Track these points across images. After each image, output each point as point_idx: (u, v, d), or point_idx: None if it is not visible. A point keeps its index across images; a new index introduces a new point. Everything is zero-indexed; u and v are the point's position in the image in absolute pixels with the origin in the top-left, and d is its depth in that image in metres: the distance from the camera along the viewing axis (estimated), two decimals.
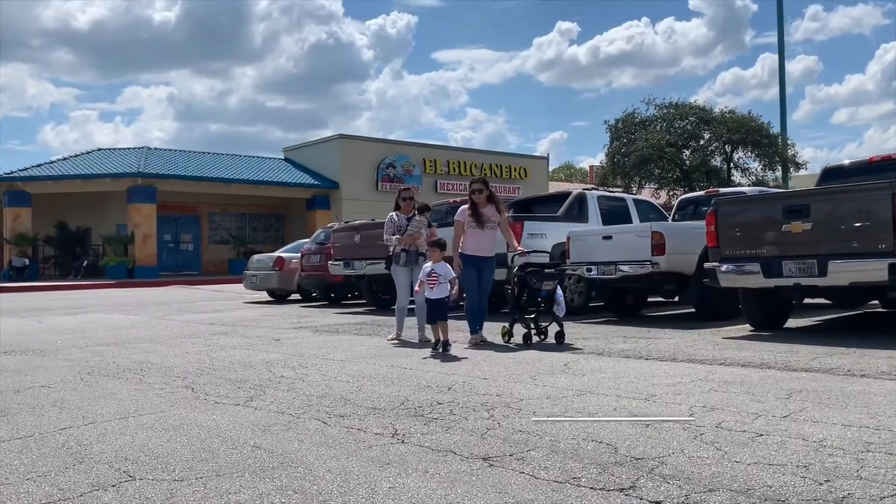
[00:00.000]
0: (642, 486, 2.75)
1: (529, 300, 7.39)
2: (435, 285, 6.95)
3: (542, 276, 7.36)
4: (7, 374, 5.93)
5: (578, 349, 6.77)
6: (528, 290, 7.35)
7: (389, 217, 8.29)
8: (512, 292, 7.45)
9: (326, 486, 2.83)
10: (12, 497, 2.78)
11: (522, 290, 7.37)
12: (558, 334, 7.19)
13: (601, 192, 12.41)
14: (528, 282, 7.34)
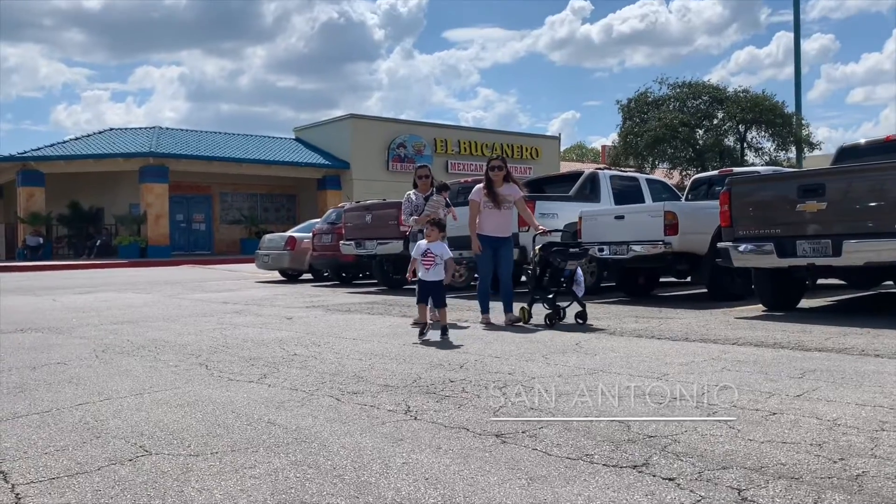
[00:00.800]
0: (655, 463, 2.76)
1: (552, 280, 7.23)
2: (431, 266, 6.59)
3: (566, 255, 7.20)
4: (23, 352, 5.99)
5: (600, 329, 6.76)
6: (552, 270, 7.20)
7: (406, 196, 8.10)
8: (533, 272, 7.30)
9: (341, 462, 2.85)
10: (31, 470, 2.82)
11: (544, 270, 7.24)
12: (581, 314, 7.05)
13: (613, 172, 12.33)
14: (551, 261, 7.18)
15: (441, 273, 6.59)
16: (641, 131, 34.15)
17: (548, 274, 7.25)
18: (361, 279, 15.78)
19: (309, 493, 2.50)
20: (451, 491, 2.49)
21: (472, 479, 2.60)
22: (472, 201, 7.49)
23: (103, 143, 31.99)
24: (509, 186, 7.43)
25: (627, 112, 35.78)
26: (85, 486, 2.61)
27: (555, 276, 7.23)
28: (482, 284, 7.41)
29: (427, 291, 6.61)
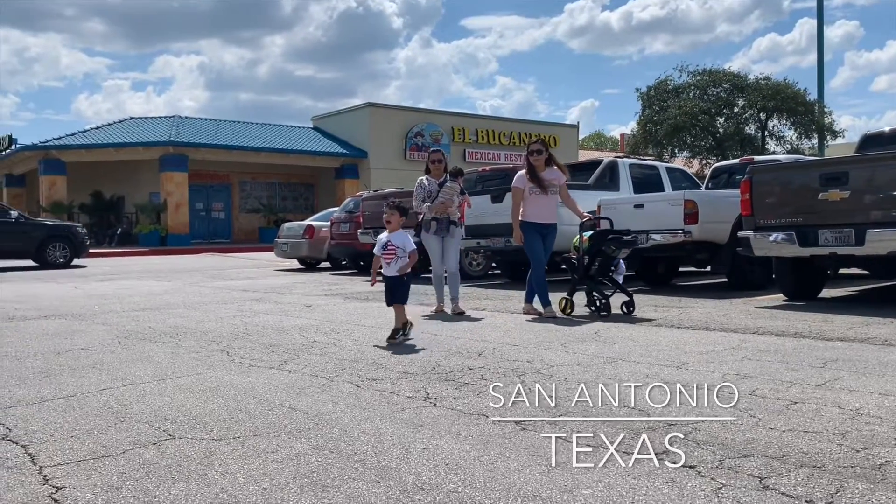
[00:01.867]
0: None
1: (601, 269, 7.00)
2: (392, 260, 5.79)
3: (621, 242, 6.97)
4: (48, 337, 6.08)
5: (619, 317, 6.74)
6: (602, 259, 6.98)
7: (419, 182, 7.80)
8: (580, 261, 7.00)
9: (361, 447, 2.87)
10: (58, 453, 2.87)
11: (594, 258, 6.97)
12: (628, 304, 6.87)
13: (633, 160, 12.25)
14: (604, 250, 6.92)
15: (403, 267, 5.78)
16: (661, 119, 33.89)
17: (597, 263, 6.97)
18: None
19: (331, 477, 2.53)
20: (472, 476, 2.50)
21: (492, 465, 2.61)
22: (516, 188, 7.15)
23: (124, 132, 32.25)
24: (552, 171, 7.15)
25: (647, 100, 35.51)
26: (111, 469, 2.65)
27: (605, 265, 6.98)
28: (538, 273, 7.06)
29: (388, 288, 5.85)
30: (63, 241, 18.43)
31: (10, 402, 3.78)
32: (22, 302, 9.19)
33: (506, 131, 37.83)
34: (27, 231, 18.04)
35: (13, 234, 17.66)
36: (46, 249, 17.98)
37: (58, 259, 18.03)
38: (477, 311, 7.42)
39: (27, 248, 17.85)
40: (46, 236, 18.24)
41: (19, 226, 18.00)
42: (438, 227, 7.57)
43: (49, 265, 17.75)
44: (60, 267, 17.61)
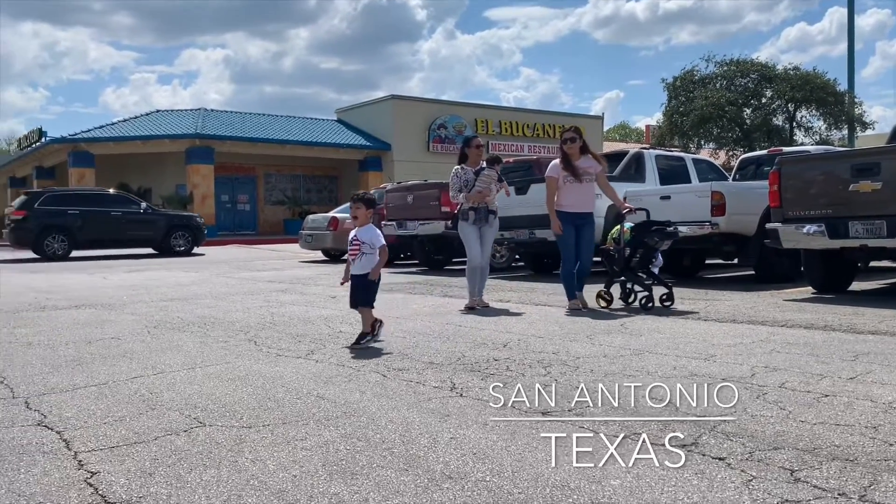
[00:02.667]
0: (705, 442, 2.73)
1: (642, 261, 6.84)
2: (356, 256, 5.25)
3: (664, 234, 6.83)
4: (79, 327, 6.18)
5: (675, 312, 6.70)
6: (644, 251, 6.80)
7: (454, 171, 7.41)
8: (620, 253, 6.82)
9: (389, 435, 2.89)
10: (92, 439, 2.92)
11: (636, 249, 6.80)
12: (667, 296, 6.73)
13: (659, 151, 12.14)
14: (646, 241, 6.76)
15: (372, 263, 5.23)
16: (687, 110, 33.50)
17: (638, 255, 6.81)
18: (402, 259, 15.86)
19: (359, 465, 2.55)
20: (500, 466, 2.51)
21: (519, 455, 2.62)
22: (550, 178, 7.02)
23: (150, 125, 32.60)
24: (587, 159, 7.00)
25: (673, 91, 35.10)
26: (143, 455, 2.70)
27: (646, 257, 6.86)
28: (566, 266, 6.94)
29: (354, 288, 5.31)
30: (184, 231, 19.92)
31: (45, 388, 3.85)
32: (53, 292, 9.35)
33: (529, 123, 37.66)
34: (154, 221, 19.60)
35: (143, 223, 19.32)
36: (171, 238, 19.45)
37: (180, 247, 19.44)
38: (501, 304, 7.41)
39: (155, 237, 19.42)
40: (171, 226, 19.72)
41: (147, 216, 19.60)
42: (477, 216, 7.23)
43: (173, 253, 19.13)
44: (182, 254, 18.95)
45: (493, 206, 7.30)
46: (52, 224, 18.10)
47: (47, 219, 18.13)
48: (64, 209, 18.41)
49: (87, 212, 18.58)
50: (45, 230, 18.06)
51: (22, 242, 18.79)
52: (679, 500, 2.19)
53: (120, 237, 19.05)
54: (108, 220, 18.77)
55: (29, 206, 18.49)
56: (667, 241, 6.92)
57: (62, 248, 18.26)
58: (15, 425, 3.15)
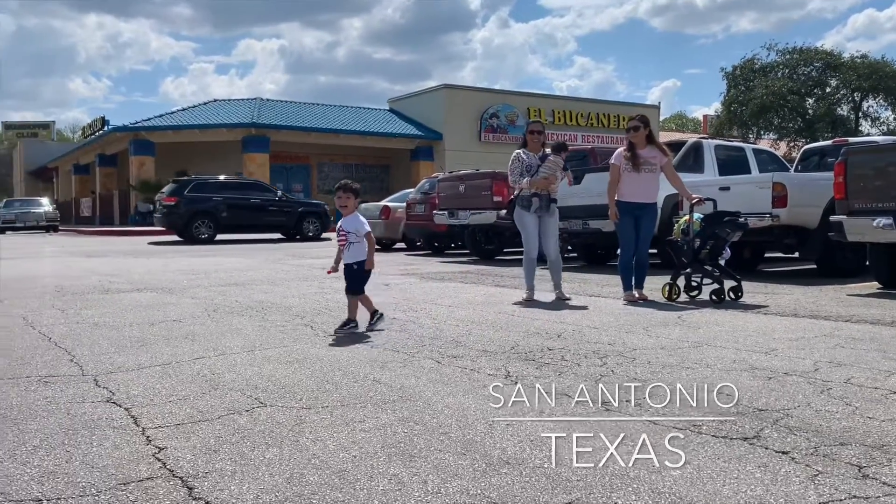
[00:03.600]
0: (767, 436, 2.68)
1: (711, 253, 6.66)
2: (343, 246, 5.32)
3: (736, 225, 6.67)
4: (142, 309, 6.37)
5: (703, 303, 6.59)
6: (714, 242, 6.63)
7: (516, 155, 7.13)
8: (689, 244, 6.64)
9: (446, 420, 2.91)
10: (158, 416, 3.02)
11: (706, 241, 6.61)
12: (735, 289, 6.60)
13: (718, 141, 11.87)
14: (717, 232, 6.59)
15: (361, 253, 5.28)
16: (747, 100, 32.70)
17: (708, 246, 6.62)
18: (453, 249, 15.90)
19: (417, 448, 2.57)
20: (558, 454, 2.50)
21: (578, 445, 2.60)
22: (613, 165, 6.88)
23: (208, 114, 33.32)
24: (652, 149, 6.87)
25: (732, 80, 34.30)
26: (208, 433, 2.78)
27: (717, 248, 6.68)
28: (624, 256, 6.85)
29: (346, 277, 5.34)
30: (314, 217, 21.11)
31: (112, 367, 3.99)
32: (116, 276, 9.66)
33: (583, 112, 37.22)
34: (289, 209, 20.90)
35: (279, 211, 20.65)
36: (302, 224, 20.66)
37: (310, 232, 20.69)
38: (551, 294, 7.36)
39: (288, 223, 20.75)
40: (303, 213, 20.96)
41: (283, 203, 20.96)
42: (539, 204, 6.94)
43: (305, 238, 20.36)
44: (313, 239, 20.13)
45: (556, 194, 7.07)
46: (200, 210, 19.38)
47: (195, 205, 19.46)
48: (210, 196, 19.70)
49: (230, 198, 19.84)
50: (194, 216, 19.42)
51: (173, 227, 20.16)
52: (742, 493, 2.15)
53: (258, 223, 20.44)
54: (249, 207, 20.09)
55: (179, 192, 19.78)
56: (738, 233, 6.75)
57: (208, 232, 19.57)
58: (86, 401, 3.28)
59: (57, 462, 2.47)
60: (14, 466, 2.43)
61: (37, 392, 3.44)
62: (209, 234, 19.53)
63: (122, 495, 2.17)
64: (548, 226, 7.04)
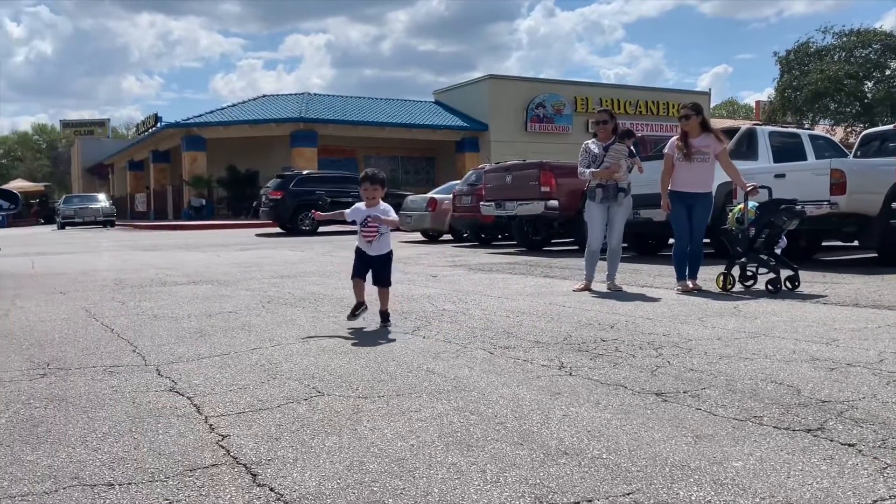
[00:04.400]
0: (831, 428, 2.62)
1: (767, 241, 6.54)
2: (374, 237, 5.07)
3: (793, 213, 6.50)
4: (198, 301, 6.52)
5: (758, 292, 6.46)
6: (771, 230, 6.52)
7: (584, 146, 7.11)
8: (743, 233, 6.54)
9: (501, 410, 2.92)
10: (219, 405, 3.09)
11: (761, 230, 6.49)
12: (792, 279, 6.45)
13: (772, 128, 11.57)
14: (774, 221, 6.46)
15: (388, 244, 5.19)
16: (801, 85, 31.77)
17: (763, 235, 6.50)
18: (500, 240, 15.87)
19: (474, 437, 2.59)
20: (615, 444, 2.49)
21: (635, 434, 2.59)
22: (666, 155, 6.81)
23: (257, 110, 33.85)
24: (706, 137, 6.75)
25: (786, 64, 33.34)
26: (268, 421, 2.84)
27: (772, 237, 6.55)
28: (679, 246, 6.75)
29: (367, 266, 5.20)
30: None
31: (173, 357, 4.10)
32: (172, 269, 9.90)
33: (631, 100, 36.70)
34: None
35: None
36: None
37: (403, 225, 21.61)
38: (603, 285, 7.30)
39: None
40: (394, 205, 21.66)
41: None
42: (604, 194, 6.87)
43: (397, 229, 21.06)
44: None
45: (624, 182, 6.91)
46: (304, 203, 19.97)
47: (300, 198, 20.26)
48: (313, 189, 20.39)
49: (331, 192, 20.30)
50: (299, 209, 20.20)
51: (279, 220, 21.10)
52: (808, 485, 2.11)
53: None
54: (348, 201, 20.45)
55: (284, 187, 20.74)
56: (794, 221, 6.59)
57: (311, 224, 20.38)
58: (150, 390, 3.38)
59: (126, 449, 2.55)
60: (86, 452, 2.52)
61: (103, 381, 3.56)
62: (312, 227, 20.38)
63: (189, 481, 2.24)
64: (615, 216, 6.97)
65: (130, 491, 2.17)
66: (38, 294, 7.21)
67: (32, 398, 3.25)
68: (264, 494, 2.12)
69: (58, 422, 2.89)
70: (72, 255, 13.56)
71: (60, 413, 3.01)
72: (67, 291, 7.40)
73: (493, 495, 2.08)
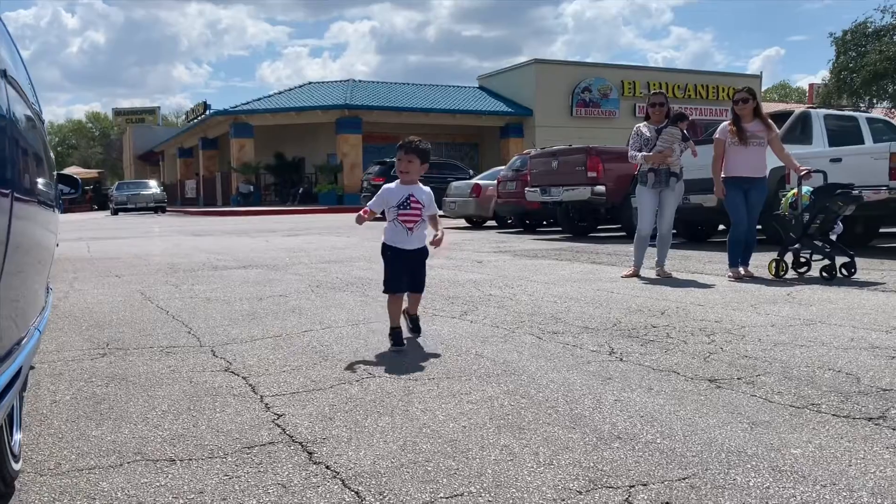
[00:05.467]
0: (894, 416, 2.55)
1: (822, 227, 6.40)
2: (415, 223, 3.99)
3: (849, 198, 6.32)
4: (249, 285, 6.64)
5: (812, 279, 6.31)
6: (826, 216, 6.36)
7: (636, 129, 6.99)
8: (797, 219, 6.44)
9: (552, 395, 2.91)
10: (274, 385, 3.15)
11: (816, 215, 6.37)
12: (848, 265, 6.32)
13: (827, 111, 11.24)
14: (829, 206, 6.32)
15: (425, 236, 4.12)
16: (858, 66, 30.70)
17: (818, 220, 6.37)
18: (545, 226, 15.77)
19: (525, 421, 2.59)
20: (669, 429, 2.46)
21: (689, 420, 2.56)
22: (717, 140, 6.72)
23: (303, 97, 34.17)
24: (758, 123, 6.63)
25: (842, 46, 32.23)
26: (322, 401, 2.88)
27: (827, 222, 6.38)
28: (735, 232, 6.63)
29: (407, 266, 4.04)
30: None
31: (227, 339, 4.19)
32: (222, 253, 10.10)
33: (680, 83, 36.04)
34: None
35: None
36: None
37: None
38: (652, 271, 7.21)
39: None
40: None
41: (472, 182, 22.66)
42: (656, 179, 6.74)
43: None
44: None
45: (676, 167, 6.78)
46: None
47: None
48: None
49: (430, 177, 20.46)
50: None
51: None
52: (870, 474, 2.06)
53: None
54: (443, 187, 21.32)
55: (386, 173, 20.88)
56: (851, 206, 6.40)
57: None
58: (206, 370, 3.46)
59: (185, 426, 2.62)
60: (147, 429, 2.60)
61: (160, 361, 3.66)
62: None
63: (247, 458, 2.29)
64: (666, 201, 6.84)
65: (191, 466, 2.23)
66: (94, 277, 7.43)
67: (94, 376, 3.36)
68: (321, 472, 2.16)
69: (119, 399, 2.98)
70: (125, 240, 13.93)
71: (121, 391, 3.11)
72: (122, 275, 7.60)
73: (547, 477, 2.08)
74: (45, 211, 2.32)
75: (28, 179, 1.92)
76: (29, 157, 1.99)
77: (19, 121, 1.86)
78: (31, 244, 1.98)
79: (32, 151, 2.07)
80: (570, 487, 2.01)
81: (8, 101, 1.71)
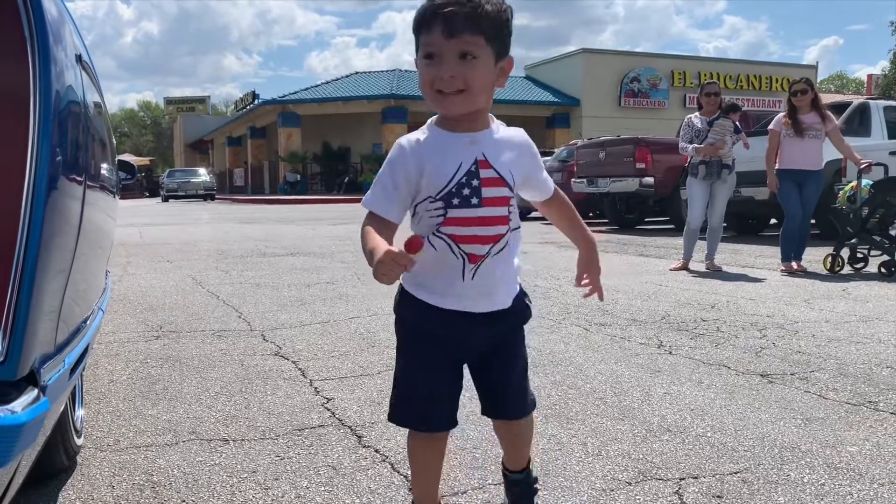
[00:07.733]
0: None
1: (882, 221, 6.21)
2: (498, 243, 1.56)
3: None
4: (297, 272, 6.74)
5: (868, 275, 6.14)
6: (886, 210, 6.19)
7: (687, 120, 6.91)
8: (855, 213, 6.28)
9: (599, 386, 2.90)
10: (323, 370, 3.20)
11: (875, 209, 6.20)
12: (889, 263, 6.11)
13: (888, 102, 10.87)
14: (888, 200, 6.15)
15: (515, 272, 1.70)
16: None
17: (877, 215, 6.19)
18: (591, 218, 15.61)
19: (573, 411, 2.58)
20: (720, 423, 2.43)
21: (741, 415, 2.52)
22: (772, 131, 6.56)
23: (350, 87, 34.40)
24: (815, 115, 6.46)
25: None
26: (370, 386, 2.92)
27: (888, 217, 6.20)
28: (789, 225, 6.49)
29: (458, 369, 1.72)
30: None
31: (276, 324, 4.26)
32: (270, 241, 10.25)
33: (732, 74, 35.24)
34: None
35: None
36: None
37: None
38: (702, 265, 7.09)
39: None
40: None
41: None
42: (707, 171, 6.64)
43: None
44: None
45: (728, 158, 6.68)
46: None
47: None
48: None
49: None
50: None
51: None
52: None
53: None
54: None
55: None
56: None
57: None
58: (256, 354, 3.53)
59: (237, 408, 2.68)
60: (201, 409, 2.67)
61: (212, 344, 3.74)
62: None
63: (298, 440, 2.33)
64: (718, 193, 6.73)
65: (244, 447, 2.29)
66: (147, 262, 7.62)
67: (149, 358, 3.46)
68: (370, 455, 2.19)
69: (173, 380, 3.06)
70: (176, 226, 14.25)
71: (175, 372, 3.19)
72: (174, 260, 7.78)
73: (596, 467, 2.08)
74: (108, 197, 2.39)
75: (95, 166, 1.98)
76: (97, 143, 2.05)
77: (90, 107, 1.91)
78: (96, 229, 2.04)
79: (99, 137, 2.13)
80: (620, 478, 2.00)
81: (83, 87, 1.76)
